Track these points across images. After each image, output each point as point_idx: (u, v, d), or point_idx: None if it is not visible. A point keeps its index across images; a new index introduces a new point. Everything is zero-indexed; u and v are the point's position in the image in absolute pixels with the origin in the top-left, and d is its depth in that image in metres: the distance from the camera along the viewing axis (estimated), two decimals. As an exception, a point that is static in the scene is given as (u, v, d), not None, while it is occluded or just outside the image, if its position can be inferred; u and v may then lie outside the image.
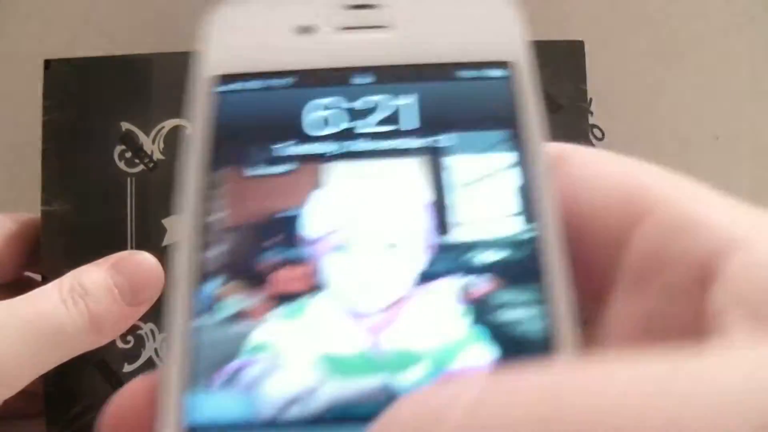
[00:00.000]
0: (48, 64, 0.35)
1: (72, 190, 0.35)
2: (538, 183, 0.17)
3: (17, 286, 0.31)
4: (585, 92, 0.36)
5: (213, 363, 0.16)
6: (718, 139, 0.45)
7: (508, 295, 0.16)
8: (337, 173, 0.18)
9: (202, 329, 0.16)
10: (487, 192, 0.18)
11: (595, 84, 0.36)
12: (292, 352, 0.16)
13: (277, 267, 0.17)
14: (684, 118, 0.45)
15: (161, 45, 0.42)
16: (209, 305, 0.16)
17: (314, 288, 0.17)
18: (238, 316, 0.16)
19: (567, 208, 0.16)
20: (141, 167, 0.36)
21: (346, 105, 0.18)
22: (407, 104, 0.18)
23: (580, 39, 0.37)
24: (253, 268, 0.17)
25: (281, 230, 0.17)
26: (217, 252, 0.17)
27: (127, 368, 0.35)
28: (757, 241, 0.13)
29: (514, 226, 0.17)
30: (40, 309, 0.27)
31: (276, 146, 0.18)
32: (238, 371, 0.16)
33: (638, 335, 0.15)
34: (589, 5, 0.45)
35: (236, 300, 0.16)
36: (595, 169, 0.17)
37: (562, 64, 0.36)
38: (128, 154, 0.36)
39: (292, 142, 0.18)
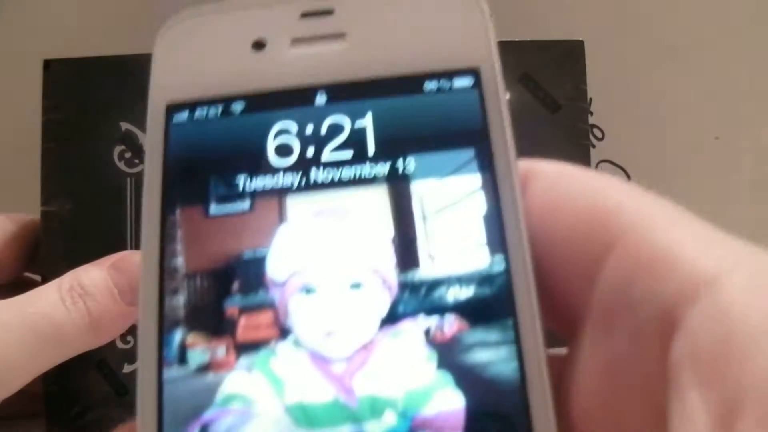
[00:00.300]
0: (48, 64, 0.35)
1: (72, 190, 0.35)
2: (508, 210, 0.16)
3: (17, 286, 0.31)
4: (585, 92, 0.36)
5: (185, 415, 0.15)
6: (718, 139, 0.45)
7: (477, 336, 0.15)
8: (299, 208, 0.17)
9: (172, 381, 0.16)
10: (456, 221, 0.16)
11: (595, 84, 0.36)
12: (262, 403, 0.16)
13: (243, 313, 0.16)
14: (684, 118, 0.45)
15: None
16: (178, 355, 0.16)
17: (281, 334, 0.16)
18: (207, 366, 0.16)
19: (535, 235, 0.15)
20: (141, 167, 0.36)
21: (305, 129, 0.17)
22: (368, 125, 0.17)
23: (580, 39, 0.37)
24: (219, 316, 0.16)
25: (245, 274, 0.16)
26: (182, 299, 0.16)
27: (127, 368, 0.35)
28: (724, 283, 0.12)
29: (483, 260, 0.16)
30: (39, 308, 0.27)
31: (235, 180, 0.17)
32: (209, 423, 0.15)
33: (605, 380, 0.14)
34: (589, 5, 0.45)
35: (204, 349, 0.16)
36: (563, 191, 0.16)
37: (562, 64, 0.36)
38: (128, 154, 0.36)
39: (251, 174, 0.17)
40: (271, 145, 0.17)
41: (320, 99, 0.17)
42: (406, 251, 0.16)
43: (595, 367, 0.15)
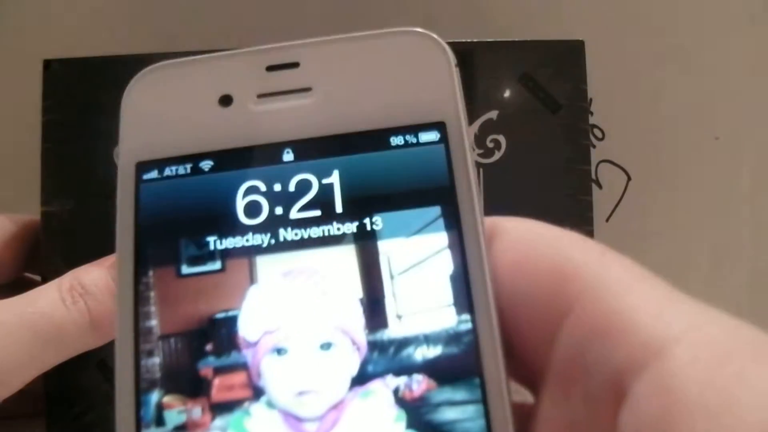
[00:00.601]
0: (48, 64, 0.35)
1: (72, 190, 0.35)
2: (475, 269, 0.16)
3: (17, 286, 0.31)
4: (585, 92, 0.36)
5: None
6: (718, 139, 0.45)
7: (445, 394, 0.16)
8: (268, 267, 0.17)
9: None
10: (423, 280, 0.17)
11: (595, 84, 0.36)
12: None
13: (217, 374, 0.16)
14: (684, 118, 0.45)
15: (161, 45, 0.42)
16: (155, 417, 0.16)
17: (254, 394, 0.16)
18: (184, 427, 0.16)
19: (499, 293, 0.16)
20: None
21: (273, 187, 0.17)
22: (335, 182, 0.17)
23: (580, 39, 0.36)
24: (194, 377, 0.16)
25: (218, 334, 0.17)
26: (157, 360, 0.16)
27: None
28: (669, 353, 0.13)
29: (451, 319, 0.16)
30: (39, 308, 0.27)
31: (205, 240, 0.17)
32: None
33: None
34: (589, 5, 0.45)
35: (181, 410, 0.16)
36: (526, 251, 0.16)
37: (562, 64, 0.36)
38: (128, 154, 0.36)
39: (221, 234, 0.17)
40: (240, 203, 0.17)
41: (287, 156, 0.17)
42: (375, 311, 0.17)
43: (555, 428, 0.15)
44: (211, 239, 0.17)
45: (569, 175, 0.35)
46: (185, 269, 0.17)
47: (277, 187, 0.17)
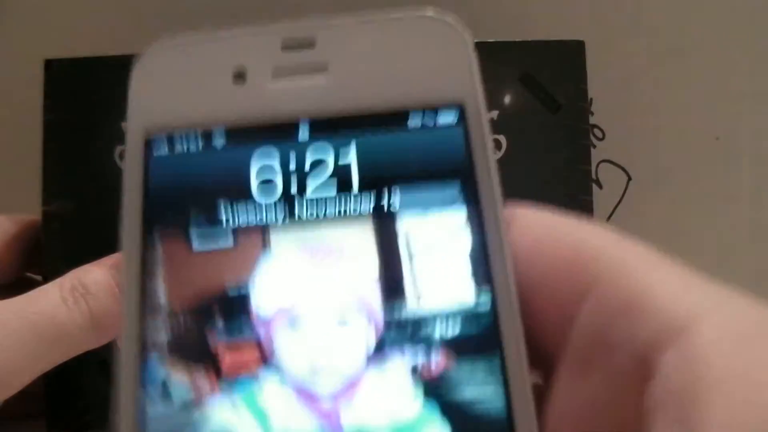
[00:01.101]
0: (48, 64, 0.35)
1: (72, 190, 0.35)
2: (494, 248, 0.16)
3: (17, 287, 0.31)
4: (585, 92, 0.36)
5: None
6: (719, 139, 0.45)
7: (464, 372, 0.16)
8: (284, 244, 0.17)
9: (156, 417, 0.15)
10: (441, 259, 0.16)
11: (595, 84, 0.36)
12: None
13: (229, 349, 0.16)
14: (684, 118, 0.45)
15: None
16: (162, 391, 0.16)
17: (267, 370, 0.16)
18: (193, 402, 0.16)
19: (517, 277, 0.16)
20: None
21: (288, 164, 0.17)
22: (352, 160, 0.17)
23: (580, 39, 0.37)
24: (205, 351, 0.16)
25: (231, 310, 0.16)
26: (167, 335, 0.16)
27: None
28: (695, 329, 0.13)
29: (469, 297, 0.16)
30: (40, 308, 0.27)
31: (219, 216, 0.17)
32: None
33: (582, 422, 0.15)
34: (589, 5, 0.45)
35: (188, 384, 0.16)
36: (545, 235, 0.16)
37: (562, 64, 0.36)
38: (128, 154, 0.36)
39: (235, 210, 0.17)
40: (255, 180, 0.17)
41: (303, 133, 0.17)
42: (392, 288, 0.16)
43: (572, 408, 0.15)
44: (225, 215, 0.17)
45: (569, 175, 0.35)
46: (198, 246, 0.17)
47: (292, 166, 0.17)
